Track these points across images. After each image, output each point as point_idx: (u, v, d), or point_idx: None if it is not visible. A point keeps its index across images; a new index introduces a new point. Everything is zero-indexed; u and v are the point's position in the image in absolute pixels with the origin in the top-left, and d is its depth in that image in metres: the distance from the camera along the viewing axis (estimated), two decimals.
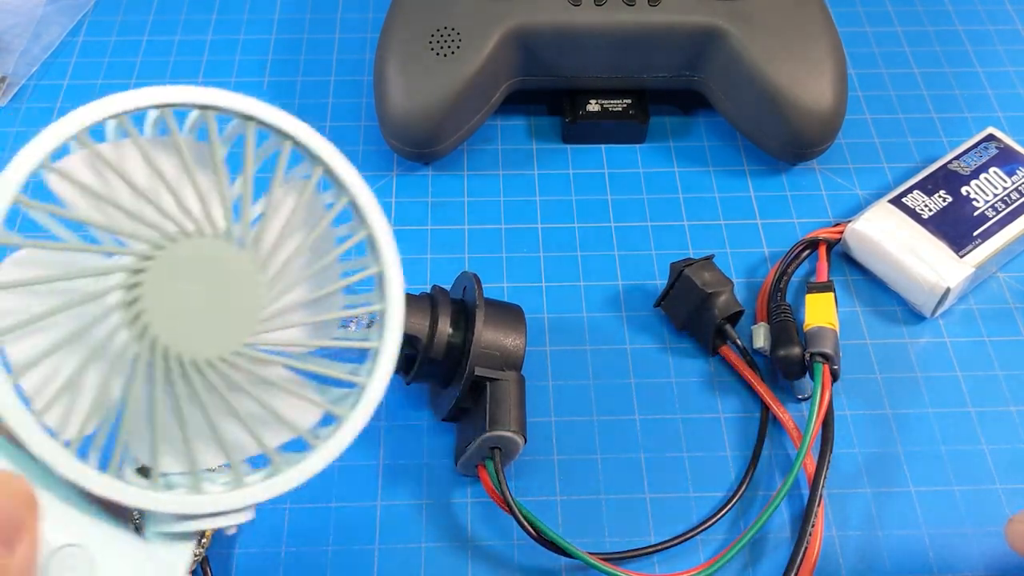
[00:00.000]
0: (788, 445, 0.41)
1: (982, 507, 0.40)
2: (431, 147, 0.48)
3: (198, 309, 0.29)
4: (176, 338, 0.28)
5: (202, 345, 0.29)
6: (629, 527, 0.39)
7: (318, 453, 0.31)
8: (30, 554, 0.25)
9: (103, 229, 0.28)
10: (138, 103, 0.28)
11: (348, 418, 0.32)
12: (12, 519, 0.24)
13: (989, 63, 0.56)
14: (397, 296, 0.33)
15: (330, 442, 0.31)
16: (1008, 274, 0.47)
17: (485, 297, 0.39)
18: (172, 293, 0.28)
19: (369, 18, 0.58)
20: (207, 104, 0.29)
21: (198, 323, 0.29)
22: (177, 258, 0.28)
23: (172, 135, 0.29)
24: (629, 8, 0.48)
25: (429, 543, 0.39)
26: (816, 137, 0.48)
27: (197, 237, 0.29)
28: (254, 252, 0.30)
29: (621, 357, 0.44)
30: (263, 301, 0.30)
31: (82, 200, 0.28)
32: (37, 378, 0.28)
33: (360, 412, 0.32)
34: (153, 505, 0.28)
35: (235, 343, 0.29)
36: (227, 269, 0.29)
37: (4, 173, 0.27)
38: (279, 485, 0.30)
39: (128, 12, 0.58)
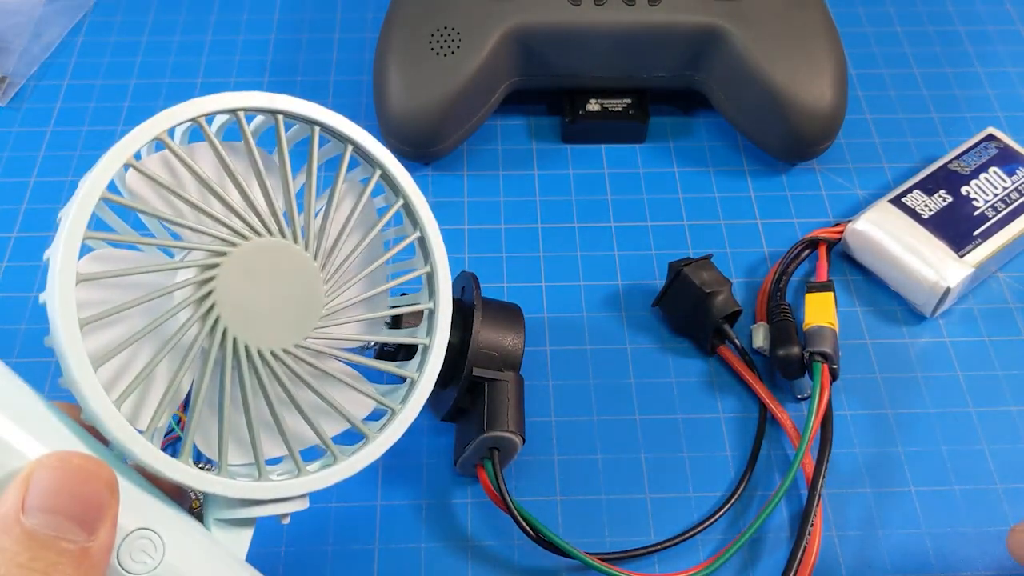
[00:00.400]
0: (787, 445, 0.41)
1: (982, 507, 0.40)
2: (431, 147, 0.48)
3: (264, 304, 0.30)
4: (244, 331, 0.30)
5: (268, 338, 0.30)
6: (628, 527, 0.39)
7: (373, 444, 0.33)
8: (110, 538, 0.26)
9: (179, 226, 0.30)
10: (213, 107, 0.30)
11: (400, 411, 0.33)
12: (96, 504, 0.25)
13: (989, 63, 0.56)
14: (446, 294, 0.35)
15: (383, 434, 0.33)
16: (1008, 274, 0.47)
17: (484, 297, 0.39)
18: (241, 288, 0.30)
19: (369, 18, 0.58)
20: (276, 109, 0.31)
21: (265, 317, 0.30)
22: (246, 255, 0.30)
23: (243, 136, 0.31)
24: (629, 8, 0.48)
25: (428, 543, 0.39)
26: (816, 137, 0.48)
27: (265, 235, 0.30)
28: (316, 251, 0.31)
29: (620, 357, 0.44)
30: (323, 298, 0.32)
31: (157, 199, 0.30)
32: (112, 369, 0.29)
33: (411, 405, 0.34)
34: (225, 490, 0.30)
35: (298, 337, 0.31)
36: (291, 266, 0.31)
37: (91, 173, 0.28)
38: (336, 474, 0.32)
39: (128, 12, 0.58)
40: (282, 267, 0.31)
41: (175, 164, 0.30)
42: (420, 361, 0.34)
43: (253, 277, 0.30)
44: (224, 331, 0.29)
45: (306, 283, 0.31)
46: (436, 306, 0.35)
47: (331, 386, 0.33)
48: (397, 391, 0.35)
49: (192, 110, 0.30)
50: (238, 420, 0.31)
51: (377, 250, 0.34)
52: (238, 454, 0.31)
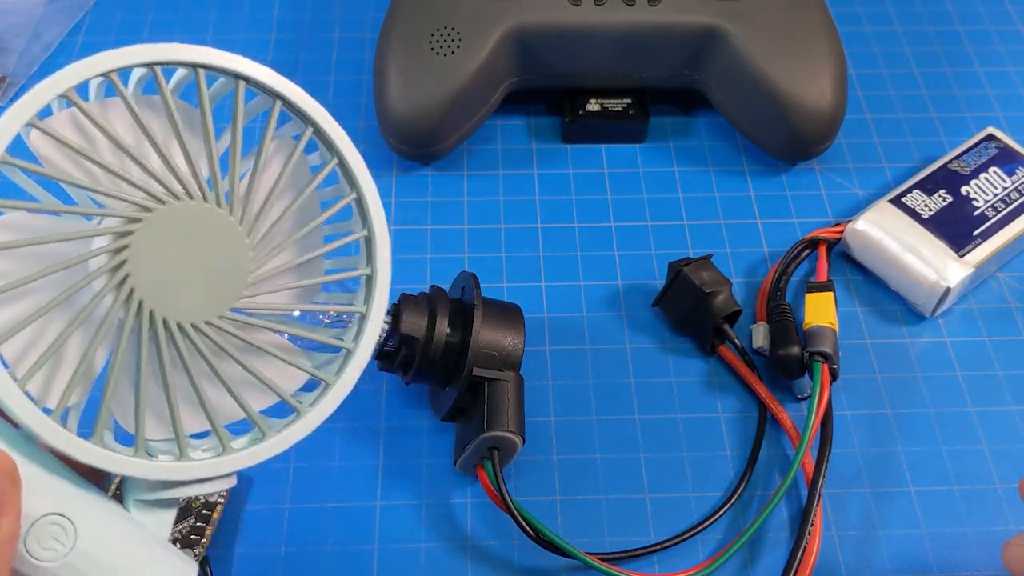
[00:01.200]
0: (787, 445, 0.41)
1: (982, 507, 0.40)
2: (431, 147, 0.48)
3: (185, 273, 0.28)
4: (162, 302, 0.28)
5: (188, 309, 0.28)
6: (628, 527, 0.39)
7: (303, 419, 0.31)
8: (13, 527, 0.25)
9: (87, 190, 0.28)
10: (127, 61, 0.28)
11: (334, 384, 0.31)
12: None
13: (989, 63, 0.56)
14: (384, 260, 0.32)
15: (315, 408, 0.31)
16: (1008, 274, 0.47)
17: (484, 297, 0.39)
18: (158, 257, 0.28)
19: (369, 18, 0.58)
20: (197, 62, 0.29)
21: (185, 287, 0.28)
22: (164, 221, 0.28)
23: (161, 94, 0.28)
24: (629, 8, 0.48)
25: (428, 543, 0.39)
26: (816, 137, 0.48)
27: (184, 199, 0.28)
28: (241, 215, 0.29)
29: (620, 357, 0.44)
30: (250, 265, 0.29)
31: (66, 161, 0.28)
32: (18, 345, 0.27)
33: (346, 377, 0.32)
34: (138, 471, 0.28)
35: (222, 307, 0.29)
36: (214, 232, 0.29)
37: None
38: (263, 451, 0.30)
39: (128, 12, 0.58)
40: (203, 233, 0.28)
41: (87, 124, 0.28)
42: (356, 330, 0.32)
43: (171, 244, 0.28)
44: (140, 303, 0.28)
45: (230, 250, 0.29)
46: (374, 271, 0.32)
47: (260, 358, 0.31)
48: (334, 362, 0.33)
49: (103, 64, 0.27)
50: (158, 396, 0.29)
51: (313, 213, 0.32)
52: (161, 429, 0.30)
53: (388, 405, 0.42)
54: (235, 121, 0.30)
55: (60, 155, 0.28)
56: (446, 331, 0.38)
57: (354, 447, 0.41)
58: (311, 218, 0.32)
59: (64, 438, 0.27)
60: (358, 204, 0.32)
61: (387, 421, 0.42)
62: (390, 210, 0.49)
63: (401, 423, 0.42)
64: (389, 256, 0.33)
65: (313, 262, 0.32)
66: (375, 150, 0.51)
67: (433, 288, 0.40)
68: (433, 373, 0.39)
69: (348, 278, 0.33)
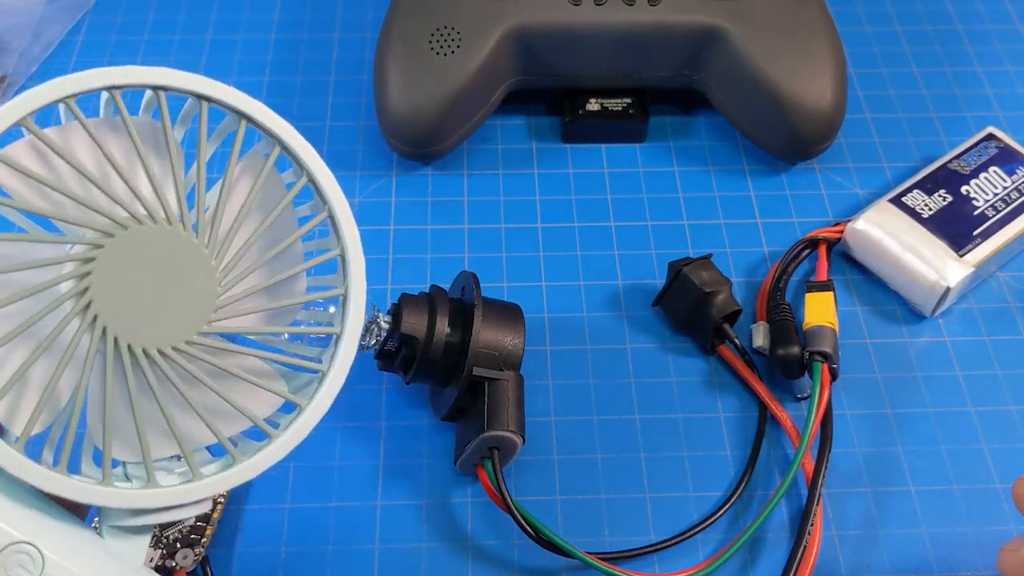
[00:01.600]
0: (787, 444, 0.41)
1: (982, 507, 0.40)
2: (431, 146, 0.48)
3: (150, 297, 0.28)
4: (127, 328, 0.28)
5: (154, 334, 0.28)
6: (628, 526, 0.39)
7: (275, 444, 0.30)
8: None
9: (49, 217, 0.27)
10: (86, 86, 0.27)
11: (307, 408, 0.31)
12: None
13: (989, 63, 0.56)
14: (358, 279, 0.32)
15: (287, 433, 0.31)
16: (1008, 273, 0.47)
17: (484, 296, 0.39)
18: (123, 281, 0.27)
19: (369, 18, 0.58)
20: (159, 85, 0.28)
21: (150, 312, 0.28)
22: (128, 245, 0.27)
23: (121, 117, 0.28)
24: (629, 8, 0.48)
25: (428, 543, 0.39)
26: (816, 136, 0.48)
27: (149, 223, 0.28)
28: (208, 237, 0.29)
29: (620, 356, 0.44)
30: (218, 288, 0.29)
31: (26, 188, 0.27)
32: None
33: (319, 401, 0.31)
34: (104, 501, 0.28)
35: (189, 332, 0.28)
36: (181, 256, 0.28)
37: None
38: (234, 478, 0.30)
39: (128, 12, 0.58)
40: (168, 257, 0.28)
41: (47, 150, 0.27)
42: (332, 352, 0.32)
43: (136, 269, 0.27)
44: (104, 328, 0.27)
45: (196, 273, 0.28)
46: (348, 291, 0.32)
47: (233, 381, 0.30)
48: (312, 383, 0.32)
49: (60, 90, 0.27)
50: (126, 423, 0.29)
51: (288, 230, 0.31)
52: (134, 453, 0.29)
53: (388, 405, 0.42)
54: (200, 143, 0.29)
55: (21, 184, 0.27)
56: (446, 331, 0.38)
57: (354, 447, 0.41)
58: (286, 236, 0.31)
59: (26, 467, 0.27)
60: (331, 220, 0.32)
61: (387, 421, 0.42)
62: (390, 210, 0.49)
63: (401, 423, 0.42)
64: (363, 275, 0.32)
65: (288, 281, 0.32)
66: (375, 150, 0.51)
67: (433, 288, 0.40)
68: (433, 373, 0.39)
69: (324, 297, 0.32)
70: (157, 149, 0.29)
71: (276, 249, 0.31)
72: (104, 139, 0.28)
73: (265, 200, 0.31)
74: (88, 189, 0.28)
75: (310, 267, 0.32)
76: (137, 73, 0.28)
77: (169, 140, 0.28)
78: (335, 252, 0.32)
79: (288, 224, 0.32)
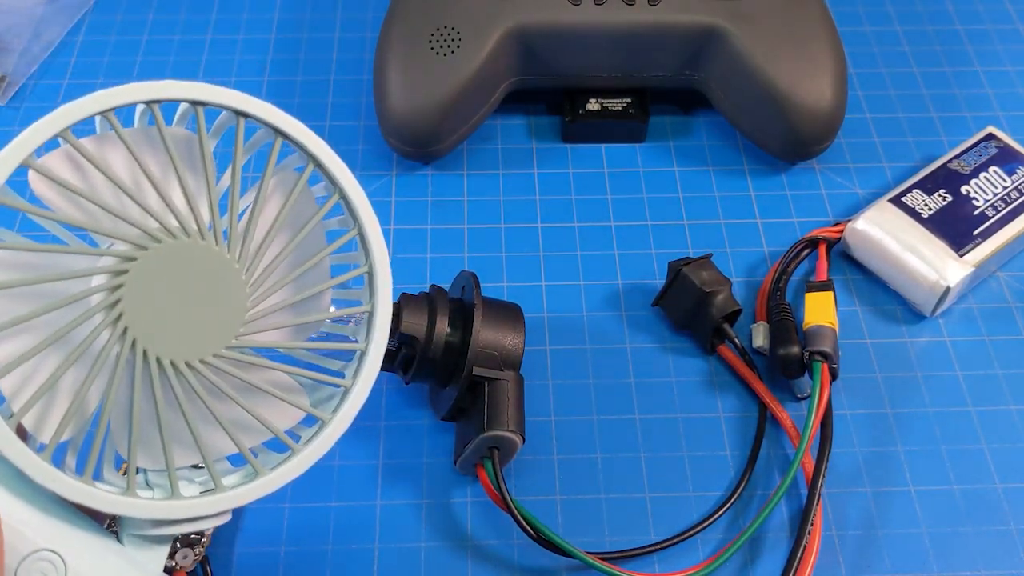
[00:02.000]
0: (787, 444, 0.41)
1: (982, 507, 0.40)
2: (431, 146, 0.48)
3: (180, 310, 0.28)
4: (156, 340, 0.28)
5: (183, 347, 0.28)
6: (628, 526, 0.39)
7: (298, 458, 0.31)
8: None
9: (84, 228, 0.27)
10: (126, 99, 0.27)
11: (329, 422, 0.31)
12: None
13: (989, 62, 0.56)
14: (385, 297, 0.32)
15: (310, 447, 0.31)
16: (1008, 273, 0.47)
17: (484, 296, 0.39)
18: (154, 294, 0.28)
19: (369, 17, 0.58)
20: (198, 100, 0.29)
21: (180, 324, 0.28)
22: (160, 258, 0.28)
23: (158, 130, 0.28)
24: (629, 7, 0.48)
25: (428, 543, 0.39)
26: (816, 136, 0.48)
27: (181, 236, 0.28)
28: (239, 251, 0.29)
29: (620, 356, 0.44)
30: (247, 302, 0.29)
31: (61, 199, 0.28)
32: (15, 380, 0.27)
33: (342, 416, 0.31)
34: (128, 512, 0.28)
35: (216, 345, 0.29)
36: (211, 269, 0.28)
37: None
38: (256, 490, 0.30)
39: (128, 12, 0.58)
40: (199, 271, 0.28)
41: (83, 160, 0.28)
42: (356, 367, 0.32)
43: (167, 282, 0.28)
44: (134, 341, 0.27)
45: (226, 287, 0.29)
46: (374, 308, 0.32)
47: (257, 395, 0.31)
48: (334, 398, 0.32)
49: (100, 103, 0.27)
50: (150, 432, 0.29)
51: (317, 245, 0.32)
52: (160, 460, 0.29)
53: (388, 405, 0.42)
54: (235, 158, 0.29)
55: (56, 194, 0.28)
56: (446, 331, 0.38)
57: (354, 447, 0.41)
58: (315, 250, 0.31)
59: (51, 476, 0.27)
60: (361, 238, 0.32)
61: (387, 421, 0.42)
62: (389, 209, 0.49)
63: (401, 423, 0.42)
64: (390, 293, 0.32)
65: (315, 296, 0.32)
66: (375, 149, 0.51)
67: (433, 288, 0.40)
68: (433, 373, 0.39)
69: (352, 314, 0.32)
70: (191, 162, 0.29)
71: (306, 265, 0.31)
72: (140, 151, 0.28)
73: (296, 215, 0.31)
74: (123, 201, 0.28)
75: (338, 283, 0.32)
76: (176, 88, 0.28)
77: (206, 154, 0.29)
78: (363, 269, 0.32)
79: (317, 239, 0.32)
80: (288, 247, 0.30)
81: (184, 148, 0.29)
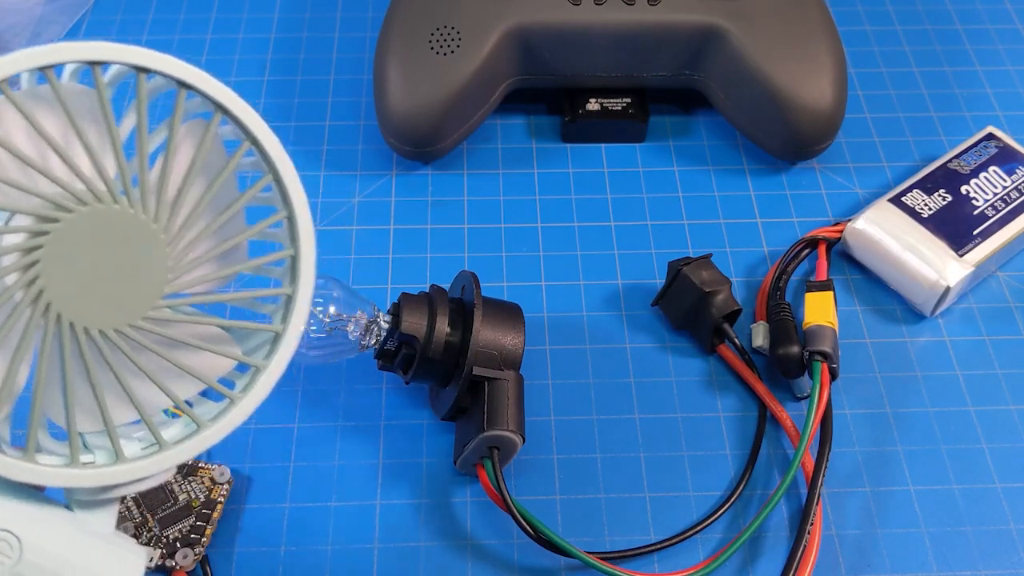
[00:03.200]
0: (787, 444, 0.41)
1: (981, 506, 0.40)
2: (431, 146, 0.48)
3: (102, 276, 0.28)
4: (82, 311, 0.27)
5: (109, 313, 0.28)
6: (628, 526, 0.39)
7: (238, 406, 0.31)
8: None
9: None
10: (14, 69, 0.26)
11: (264, 368, 0.31)
12: None
13: (989, 62, 0.56)
14: (307, 239, 0.31)
15: (248, 394, 0.31)
16: (1008, 273, 0.47)
17: (484, 296, 0.39)
18: (74, 264, 0.27)
19: (369, 17, 0.58)
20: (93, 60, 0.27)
21: (104, 291, 0.28)
22: (72, 226, 0.27)
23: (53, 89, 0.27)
24: (629, 7, 0.48)
25: (428, 542, 0.39)
26: (816, 136, 0.48)
27: (93, 203, 0.27)
28: (154, 209, 0.28)
29: (620, 356, 0.44)
30: (168, 262, 0.29)
31: None
32: None
33: (276, 361, 0.31)
34: (69, 482, 0.28)
35: (143, 306, 0.28)
36: (126, 231, 0.28)
37: None
38: (199, 443, 0.30)
39: (128, 11, 0.58)
40: (116, 235, 0.28)
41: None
42: (284, 312, 0.31)
43: (84, 250, 0.27)
44: (59, 315, 0.27)
45: (146, 248, 0.28)
46: (298, 252, 0.31)
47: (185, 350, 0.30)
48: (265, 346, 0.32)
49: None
50: (87, 399, 0.29)
51: (231, 195, 0.31)
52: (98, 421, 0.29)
53: (388, 405, 0.42)
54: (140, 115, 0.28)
55: None
56: (446, 330, 0.38)
57: (354, 447, 0.41)
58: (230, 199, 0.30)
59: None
60: (277, 182, 0.31)
61: (387, 421, 0.42)
62: (389, 209, 0.49)
63: (401, 423, 0.42)
64: (313, 236, 0.31)
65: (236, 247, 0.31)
66: (375, 149, 0.51)
67: (433, 287, 0.40)
68: (433, 372, 0.39)
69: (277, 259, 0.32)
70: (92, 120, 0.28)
71: (224, 216, 0.30)
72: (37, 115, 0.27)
73: (209, 166, 0.30)
74: (29, 173, 0.27)
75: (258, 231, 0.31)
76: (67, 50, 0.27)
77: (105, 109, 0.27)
78: (282, 214, 0.31)
79: (230, 188, 0.31)
80: (204, 199, 0.30)
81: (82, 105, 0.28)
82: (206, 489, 0.39)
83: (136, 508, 0.38)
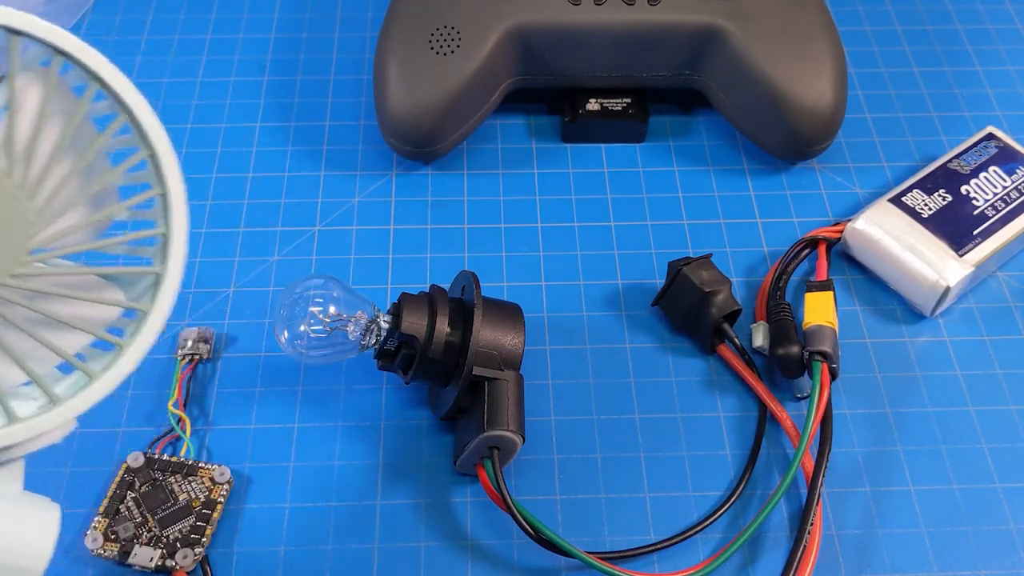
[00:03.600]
0: (787, 444, 0.41)
1: (981, 506, 0.40)
2: (431, 146, 0.48)
3: None
4: None
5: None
6: (628, 526, 0.39)
7: (126, 354, 0.30)
8: None
9: None
10: None
11: (150, 311, 0.31)
12: None
13: (989, 62, 0.56)
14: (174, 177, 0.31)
15: (135, 340, 0.30)
16: (1008, 273, 0.47)
17: (484, 296, 0.39)
18: None
19: (369, 17, 0.58)
20: None
21: None
22: None
23: None
24: (629, 7, 0.48)
25: (428, 542, 0.39)
26: (816, 136, 0.48)
27: None
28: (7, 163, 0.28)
29: (620, 356, 0.44)
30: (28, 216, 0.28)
31: None
32: None
33: (160, 302, 0.31)
34: None
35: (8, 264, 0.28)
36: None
37: None
38: (93, 394, 0.30)
39: (128, 11, 0.58)
40: None
41: None
42: (162, 253, 0.31)
43: None
44: None
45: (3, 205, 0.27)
46: (167, 192, 0.30)
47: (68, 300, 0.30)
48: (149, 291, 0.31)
49: None
50: None
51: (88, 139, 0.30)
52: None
53: (388, 405, 0.42)
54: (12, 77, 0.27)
55: None
56: (446, 330, 0.38)
57: (354, 447, 0.41)
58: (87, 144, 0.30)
59: None
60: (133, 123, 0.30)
61: (387, 421, 0.42)
62: (389, 209, 0.49)
63: (401, 423, 0.42)
64: (179, 174, 0.31)
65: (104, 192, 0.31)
66: (375, 149, 0.51)
67: (433, 287, 0.40)
68: (433, 372, 0.39)
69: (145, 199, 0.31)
70: None
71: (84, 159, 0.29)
72: None
73: (59, 115, 0.29)
74: None
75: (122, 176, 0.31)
76: None
77: None
78: (144, 154, 0.30)
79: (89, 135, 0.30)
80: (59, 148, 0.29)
81: None
82: (206, 489, 0.39)
83: (136, 508, 0.38)
